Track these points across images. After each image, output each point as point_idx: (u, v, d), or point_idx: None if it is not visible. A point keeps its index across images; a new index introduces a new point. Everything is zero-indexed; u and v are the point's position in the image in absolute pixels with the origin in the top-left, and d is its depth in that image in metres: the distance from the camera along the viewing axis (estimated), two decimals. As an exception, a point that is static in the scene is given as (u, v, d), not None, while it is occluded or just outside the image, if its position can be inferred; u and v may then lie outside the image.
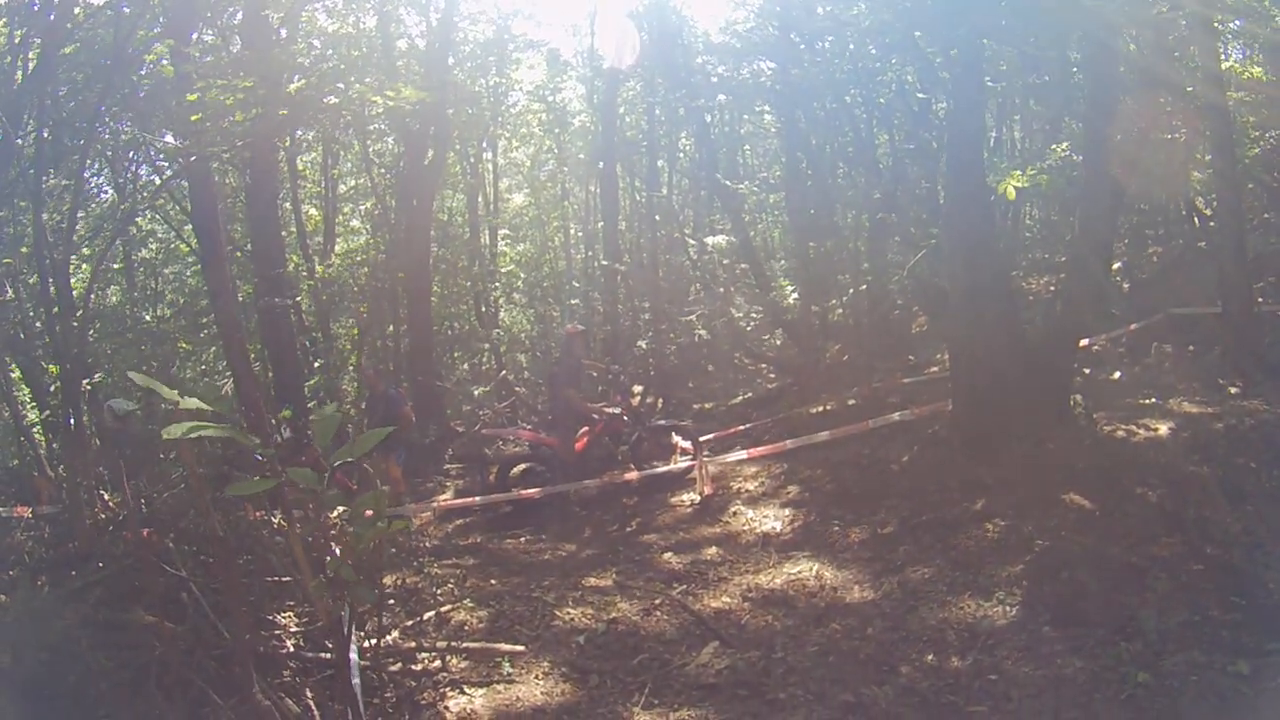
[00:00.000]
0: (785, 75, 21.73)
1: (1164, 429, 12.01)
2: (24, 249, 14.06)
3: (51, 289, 11.94)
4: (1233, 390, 13.70)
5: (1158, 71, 14.04)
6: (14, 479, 15.78)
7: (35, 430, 15.31)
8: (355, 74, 15.26)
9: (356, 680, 6.80)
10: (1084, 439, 11.48)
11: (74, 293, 13.87)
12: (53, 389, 14.01)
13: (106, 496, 10.92)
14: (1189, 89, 16.84)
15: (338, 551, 5.94)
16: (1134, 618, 7.45)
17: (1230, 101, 16.74)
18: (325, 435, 5.42)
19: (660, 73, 25.37)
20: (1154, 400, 13.56)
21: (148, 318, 22.74)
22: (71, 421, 11.28)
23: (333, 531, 6.08)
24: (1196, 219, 20.36)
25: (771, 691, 7.69)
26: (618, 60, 25.16)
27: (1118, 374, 15.42)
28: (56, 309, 11.90)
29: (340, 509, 6.00)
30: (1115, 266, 18.42)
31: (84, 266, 18.94)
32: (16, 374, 16.94)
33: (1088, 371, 14.53)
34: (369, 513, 5.65)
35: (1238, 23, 18.95)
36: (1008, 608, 8.18)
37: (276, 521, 8.55)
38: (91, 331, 16.10)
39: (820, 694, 7.52)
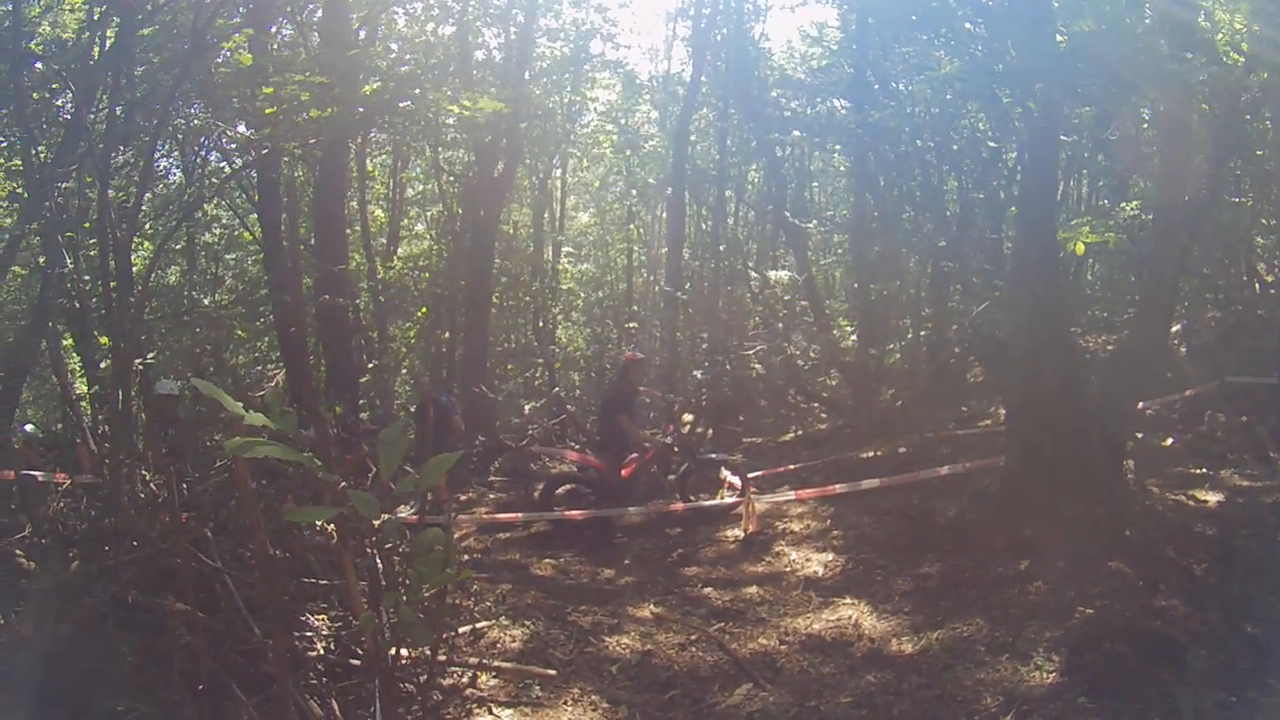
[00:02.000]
0: (859, 115, 21.69)
1: (1213, 500, 11.84)
2: (87, 224, 14.13)
3: (111, 264, 11.94)
4: (1283, 464, 13.50)
5: (1229, 133, 13.90)
6: (56, 443, 15.88)
7: (83, 402, 15.39)
8: (431, 80, 15.27)
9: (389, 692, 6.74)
10: (1133, 505, 11.31)
11: (134, 269, 13.91)
12: (103, 365, 14.06)
13: (148, 476, 10.92)
14: (1259, 152, 16.68)
15: (378, 562, 5.86)
16: (1171, 695, 7.27)
17: (1299, 167, 16.61)
18: (393, 461, 5.27)
19: (734, 103, 25.36)
20: (1205, 470, 13.36)
21: (206, 301, 22.84)
22: (120, 397, 11.27)
23: (394, 556, 6.00)
24: (1258, 285, 20.13)
25: (803, 740, 7.59)
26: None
27: (1170, 440, 15.21)
28: (114, 284, 11.90)
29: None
30: (1174, 330, 18.24)
31: (146, 245, 19.03)
32: (68, 342, 17.03)
33: (1140, 435, 14.34)
34: (435, 552, 5.50)
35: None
36: (1045, 674, 8.00)
37: (322, 525, 8.49)
38: (148, 310, 16.18)
39: (850, 747, 7.43)
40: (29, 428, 17.42)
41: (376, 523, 5.39)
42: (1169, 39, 12.17)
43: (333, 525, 6.97)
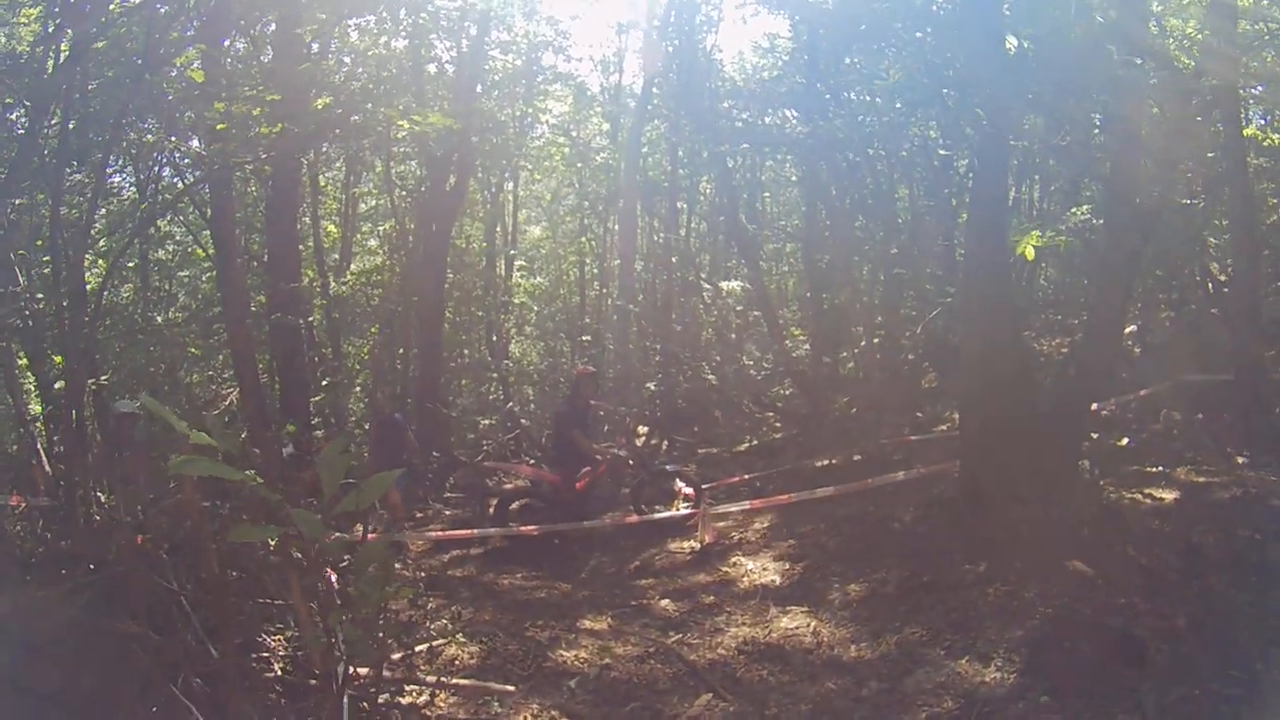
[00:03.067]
0: (810, 125, 21.73)
1: (1170, 497, 11.92)
2: (39, 242, 14.02)
3: (64, 282, 11.86)
4: (1240, 460, 13.57)
5: (1179, 136, 14.01)
6: (11, 465, 15.73)
7: (37, 423, 15.26)
8: (383, 95, 15.22)
9: (344, 713, 6.69)
10: (1090, 505, 11.37)
11: (87, 287, 13.78)
12: (57, 384, 13.96)
13: (103, 498, 10.84)
14: (1210, 154, 16.83)
15: (334, 579, 5.82)
16: (1134, 690, 7.32)
17: (1249, 168, 16.71)
18: (334, 479, 5.23)
19: (685, 114, 25.30)
20: (1161, 468, 13.42)
21: (159, 319, 22.66)
22: (74, 417, 11.20)
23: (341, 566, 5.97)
24: (1211, 284, 20.25)
25: (763, 749, 7.59)
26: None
27: (1126, 440, 15.28)
28: (67, 302, 11.82)
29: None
30: (1128, 330, 18.33)
31: (100, 262, 18.87)
32: (23, 362, 16.88)
33: (1096, 436, 14.40)
34: (375, 569, 5.47)
35: (1259, 88, 18.95)
36: (1006, 675, 8.05)
37: (272, 543, 8.44)
38: (101, 328, 16.06)
39: (813, 755, 7.43)
40: (-18, 447, 17.27)
41: (319, 541, 5.35)
42: (1119, 45, 12.26)
43: (275, 544, 6.95)
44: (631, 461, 15.44)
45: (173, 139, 14.85)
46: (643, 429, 21.61)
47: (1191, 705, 7.12)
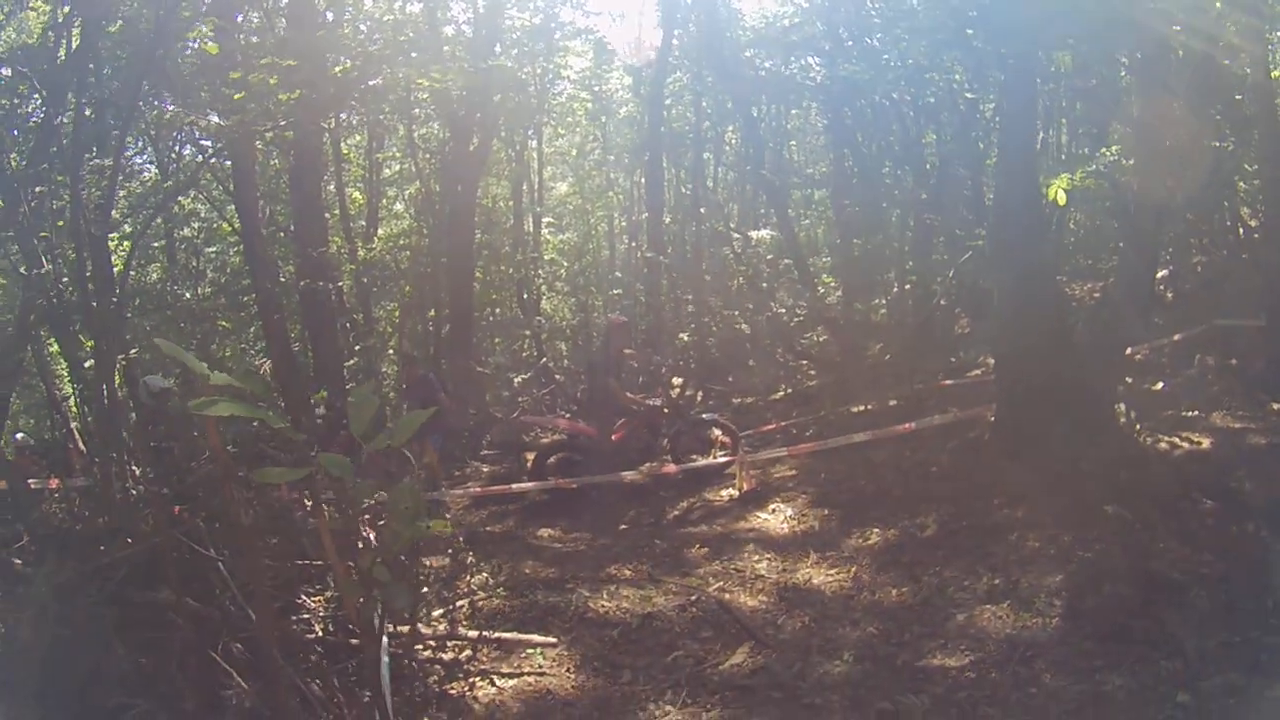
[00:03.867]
0: (833, 71, 21.64)
1: (1206, 442, 11.85)
2: (61, 224, 14.05)
3: (88, 266, 11.86)
4: (1275, 406, 13.48)
5: (1207, 78, 13.86)
6: (47, 450, 15.83)
7: (69, 403, 15.31)
8: (401, 58, 15.18)
9: (385, 669, 6.68)
10: (1127, 449, 11.30)
11: (114, 269, 13.80)
12: (88, 364, 14.02)
13: (138, 472, 10.86)
14: (1238, 97, 16.64)
15: (372, 538, 5.81)
16: (1174, 636, 7.27)
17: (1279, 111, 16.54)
18: (362, 418, 5.21)
19: (708, 65, 25.20)
20: (1196, 413, 13.35)
21: (188, 296, 22.75)
22: (105, 395, 11.22)
23: (367, 517, 5.92)
24: (1241, 230, 20.09)
25: (806, 696, 7.53)
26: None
27: (1160, 384, 15.20)
28: (92, 285, 11.82)
29: (376, 499, 5.85)
30: (1160, 275, 18.20)
31: (125, 244, 18.92)
32: (54, 348, 16.95)
33: (1130, 380, 14.33)
34: (406, 507, 5.43)
35: (1288, 30, 18.72)
36: (1047, 619, 8.02)
37: (309, 503, 8.44)
38: (130, 308, 16.12)
39: (855, 700, 7.36)
40: (20, 436, 17.39)
41: (349, 485, 5.33)
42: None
43: (307, 491, 6.93)
44: (667, 410, 15.41)
45: (191, 115, 14.83)
46: (677, 380, 21.61)
47: (1232, 651, 7.05)
